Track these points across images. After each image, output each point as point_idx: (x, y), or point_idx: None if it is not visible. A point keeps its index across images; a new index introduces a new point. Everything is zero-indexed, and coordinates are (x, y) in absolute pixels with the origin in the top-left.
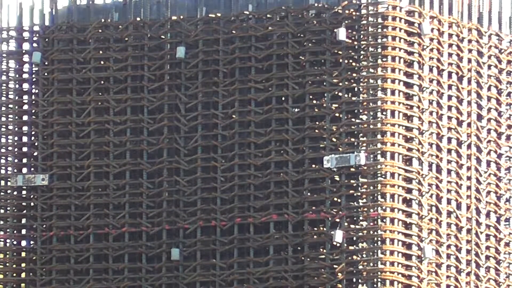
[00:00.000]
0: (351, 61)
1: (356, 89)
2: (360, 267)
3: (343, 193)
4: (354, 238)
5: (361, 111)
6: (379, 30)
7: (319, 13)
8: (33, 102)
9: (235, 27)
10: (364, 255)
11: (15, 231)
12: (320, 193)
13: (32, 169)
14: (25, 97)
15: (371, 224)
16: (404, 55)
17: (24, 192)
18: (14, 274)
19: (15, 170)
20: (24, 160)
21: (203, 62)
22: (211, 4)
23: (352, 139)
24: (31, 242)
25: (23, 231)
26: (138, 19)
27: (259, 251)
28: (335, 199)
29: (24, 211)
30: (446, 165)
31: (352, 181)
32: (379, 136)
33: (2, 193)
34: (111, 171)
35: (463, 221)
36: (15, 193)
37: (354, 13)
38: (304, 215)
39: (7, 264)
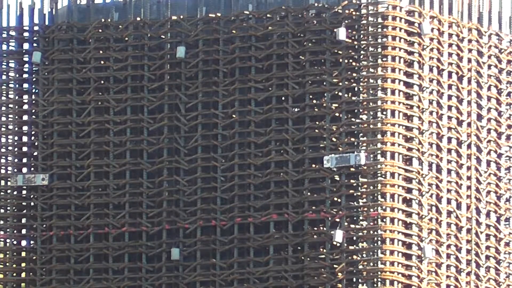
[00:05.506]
0: (351, 61)
1: (356, 89)
2: (360, 267)
3: (343, 193)
4: (354, 238)
5: (361, 111)
6: (379, 30)
7: (319, 13)
8: (33, 102)
9: (235, 27)
10: (364, 255)
11: (15, 231)
12: (320, 193)
13: (32, 169)
14: (25, 97)
15: (371, 224)
16: (404, 55)
17: (24, 192)
18: (14, 274)
19: (15, 170)
20: (24, 160)
21: (203, 62)
22: (211, 4)
23: (352, 139)
24: (31, 242)
25: (23, 231)
26: (138, 19)
27: (259, 251)
28: (335, 199)
29: (24, 211)
30: (446, 165)
31: (352, 181)
32: (379, 136)
33: (2, 193)
34: (111, 171)
35: (463, 221)
36: (15, 193)
37: (354, 13)
38: (304, 215)
39: (7, 264)
